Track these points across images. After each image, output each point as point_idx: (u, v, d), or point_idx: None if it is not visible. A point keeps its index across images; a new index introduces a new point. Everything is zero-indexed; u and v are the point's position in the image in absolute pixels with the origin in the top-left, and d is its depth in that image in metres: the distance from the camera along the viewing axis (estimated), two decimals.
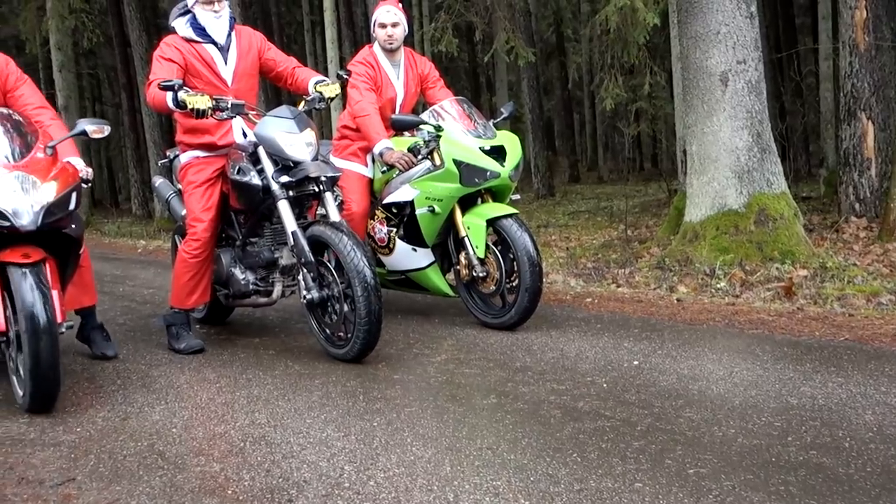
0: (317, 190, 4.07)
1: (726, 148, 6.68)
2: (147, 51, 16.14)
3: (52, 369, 3.19)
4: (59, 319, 3.31)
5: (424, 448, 2.79)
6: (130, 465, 2.83)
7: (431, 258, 4.72)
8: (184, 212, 4.68)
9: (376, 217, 4.87)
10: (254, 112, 4.27)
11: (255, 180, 4.06)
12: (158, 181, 5.15)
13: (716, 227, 6.73)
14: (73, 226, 3.47)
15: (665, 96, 10.97)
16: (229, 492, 2.54)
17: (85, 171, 3.70)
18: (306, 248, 3.92)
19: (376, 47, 4.90)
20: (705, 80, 6.70)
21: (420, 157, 4.50)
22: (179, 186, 4.76)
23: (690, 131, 6.95)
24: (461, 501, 2.37)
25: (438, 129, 4.50)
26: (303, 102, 4.37)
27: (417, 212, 4.56)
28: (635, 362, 3.72)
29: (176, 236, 5.18)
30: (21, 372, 3.36)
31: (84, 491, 2.62)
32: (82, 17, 15.53)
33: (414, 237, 4.67)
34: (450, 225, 4.61)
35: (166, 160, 5.09)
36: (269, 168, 4.03)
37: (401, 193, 4.65)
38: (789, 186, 7.12)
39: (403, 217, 4.70)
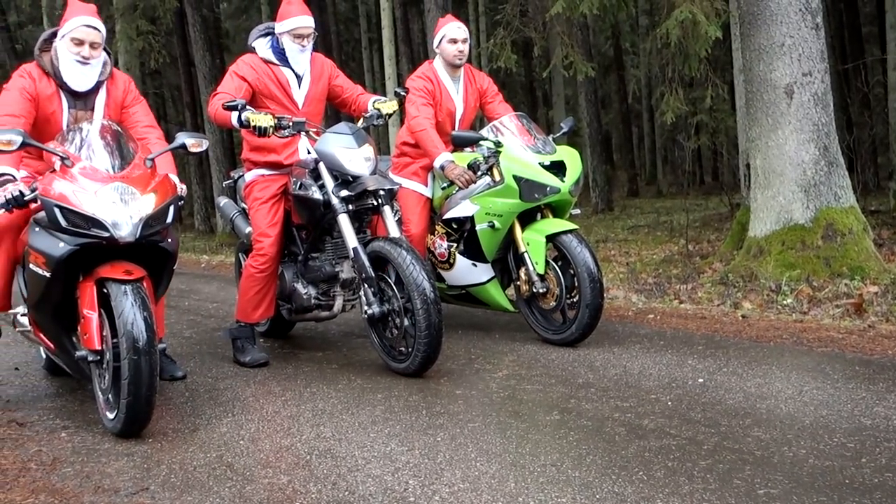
0: (376, 204, 4.13)
1: (792, 161, 6.55)
2: (210, 70, 16.59)
3: (150, 389, 3.20)
4: (158, 338, 3.33)
5: (489, 464, 2.80)
6: (201, 475, 2.89)
7: (491, 273, 4.74)
8: (248, 230, 4.78)
9: (437, 232, 4.91)
10: (314, 129, 4.36)
11: (317, 195, 4.14)
12: (223, 201, 5.26)
13: (781, 242, 6.60)
14: (170, 239, 3.54)
15: (727, 109, 10.80)
16: None
17: (180, 186, 3.77)
18: (367, 263, 3.98)
19: (437, 62, 4.95)
20: (769, 92, 6.60)
21: (479, 173, 4.53)
22: (243, 205, 4.87)
23: (754, 145, 6.83)
24: None
25: (498, 144, 4.53)
26: (361, 119, 4.46)
27: (477, 227, 4.58)
28: (700, 380, 3.67)
29: (239, 253, 5.30)
30: (110, 395, 3.39)
31: (157, 500, 2.69)
32: (149, 39, 16.00)
33: (474, 252, 4.69)
34: (510, 240, 4.62)
35: (230, 181, 5.22)
36: (329, 183, 4.10)
37: (461, 209, 4.68)
38: (857, 200, 6.94)
39: (463, 232, 4.73)
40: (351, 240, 4.04)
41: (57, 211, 3.29)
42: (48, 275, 3.36)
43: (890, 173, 12.27)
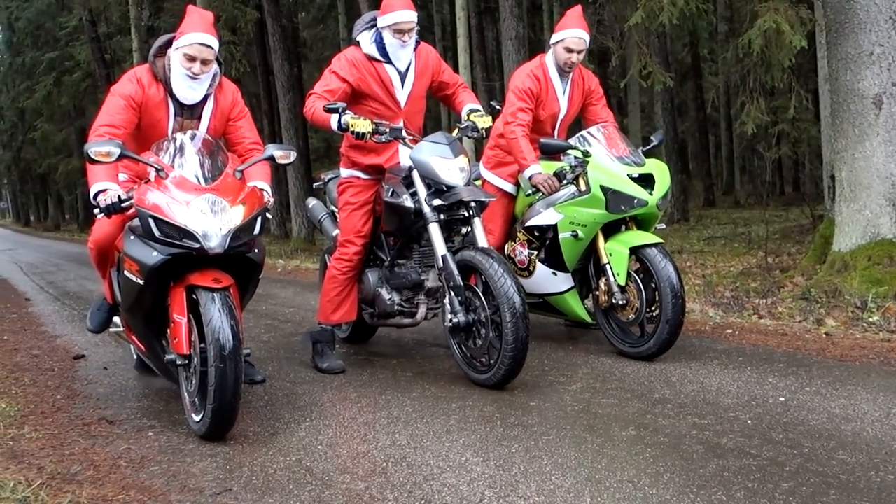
0: (467, 215, 4.15)
1: (880, 174, 6.35)
2: (288, 79, 16.95)
3: (235, 395, 3.30)
4: (243, 345, 3.42)
5: (564, 477, 2.80)
6: (281, 478, 2.97)
7: (571, 283, 4.72)
8: (335, 232, 4.86)
9: (517, 239, 4.91)
10: (410, 137, 4.37)
11: (408, 203, 4.18)
12: (312, 202, 5.37)
13: (867, 257, 6.39)
14: (256, 250, 3.63)
15: (809, 118, 10.51)
16: None
17: (268, 197, 3.83)
18: (455, 271, 4.00)
19: (549, 59, 4.85)
20: (857, 103, 6.40)
21: (565, 181, 4.52)
22: (332, 208, 4.96)
23: (840, 157, 6.64)
24: None
25: (586, 154, 4.50)
26: (457, 129, 4.46)
27: (560, 236, 4.57)
28: (781, 399, 3.58)
29: (326, 255, 5.38)
30: (196, 398, 3.50)
31: (240, 501, 2.77)
32: (231, 48, 16.44)
33: (555, 261, 4.68)
34: (591, 250, 4.59)
35: (321, 182, 5.31)
36: (422, 191, 4.13)
37: (544, 217, 4.67)
38: None
39: (545, 240, 4.72)
40: (440, 248, 4.07)
41: (151, 221, 3.42)
42: (141, 282, 3.50)
43: None
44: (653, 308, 4.38)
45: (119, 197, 3.57)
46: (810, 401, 3.53)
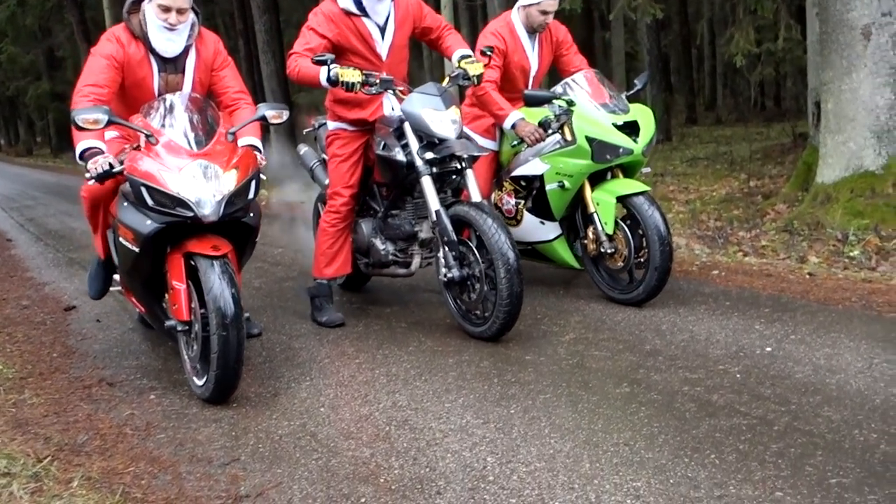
0: (459, 167, 4.15)
1: (866, 106, 6.36)
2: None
3: (237, 360, 3.35)
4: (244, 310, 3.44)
5: (563, 441, 2.90)
6: (287, 446, 3.05)
7: (559, 231, 4.76)
8: (326, 181, 4.86)
9: (504, 188, 4.93)
10: (401, 88, 4.31)
11: (400, 156, 4.15)
12: (303, 149, 5.31)
13: (850, 189, 6.47)
14: (252, 214, 3.63)
15: (796, 38, 10.40)
16: (381, 480, 2.72)
17: (261, 158, 3.78)
18: (449, 227, 4.02)
19: (515, 16, 4.80)
20: (845, 33, 6.36)
21: (550, 131, 4.51)
22: (324, 156, 4.93)
23: (826, 88, 6.63)
24: (603, 503, 2.47)
25: (570, 103, 4.48)
26: (447, 79, 4.38)
27: (547, 187, 4.59)
28: (768, 349, 3.69)
29: (319, 203, 5.37)
30: (198, 363, 3.55)
31: (249, 472, 2.86)
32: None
33: (542, 211, 4.71)
34: (578, 199, 4.62)
35: (311, 128, 5.24)
36: (413, 144, 4.11)
37: (530, 167, 4.68)
38: None
39: (532, 190, 4.74)
40: (434, 203, 4.07)
41: (144, 190, 3.39)
42: (137, 249, 3.50)
43: None
44: (640, 254, 4.45)
45: (110, 164, 3.52)
46: (796, 350, 3.64)
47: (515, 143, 4.73)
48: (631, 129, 4.48)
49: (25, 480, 2.81)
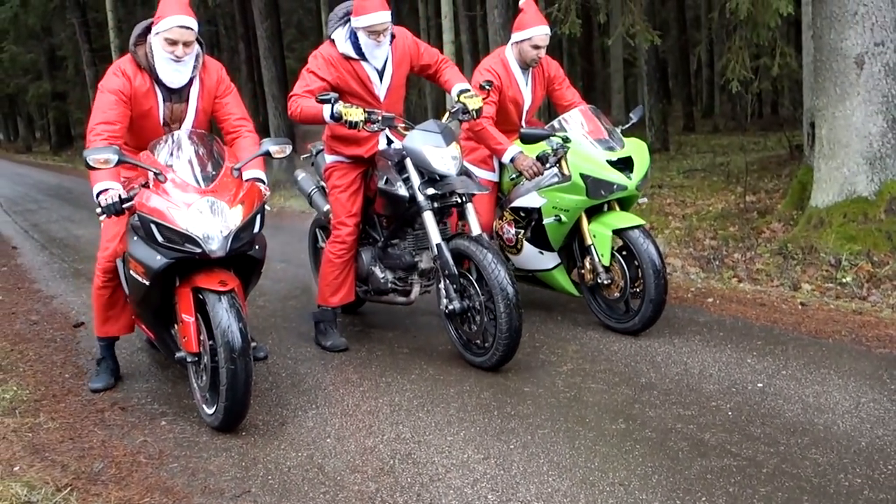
0: (459, 202, 4.27)
1: (859, 133, 6.50)
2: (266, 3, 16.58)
3: (245, 391, 3.48)
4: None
5: (560, 479, 3.02)
6: (295, 478, 3.18)
7: (557, 260, 4.89)
8: (325, 207, 4.98)
9: (504, 217, 5.06)
10: (402, 125, 4.44)
11: (402, 191, 4.27)
12: (301, 175, 5.43)
13: (843, 214, 6.61)
14: (257, 247, 3.75)
15: (791, 52, 10.56)
16: None
17: (265, 190, 3.87)
18: (451, 260, 4.14)
19: (509, 53, 4.96)
20: (839, 62, 6.50)
21: (548, 165, 4.63)
22: (322, 183, 5.05)
23: (821, 114, 6.77)
24: None
25: (566, 140, 4.60)
26: (447, 114, 4.51)
27: (545, 220, 4.72)
28: (759, 385, 3.82)
29: (317, 229, 5.49)
30: (208, 392, 3.68)
31: None
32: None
33: (541, 241, 4.84)
34: (576, 230, 4.75)
35: (309, 154, 5.35)
36: (415, 179, 4.23)
37: (529, 199, 4.80)
38: None
39: (531, 221, 4.87)
40: (435, 236, 4.19)
41: (153, 226, 3.51)
42: (147, 283, 3.62)
43: None
44: (636, 284, 4.58)
45: (119, 197, 3.62)
46: (786, 387, 3.77)
47: (514, 176, 4.86)
48: (625, 164, 4.61)
49: None
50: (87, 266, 7.66)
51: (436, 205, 4.24)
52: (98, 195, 3.70)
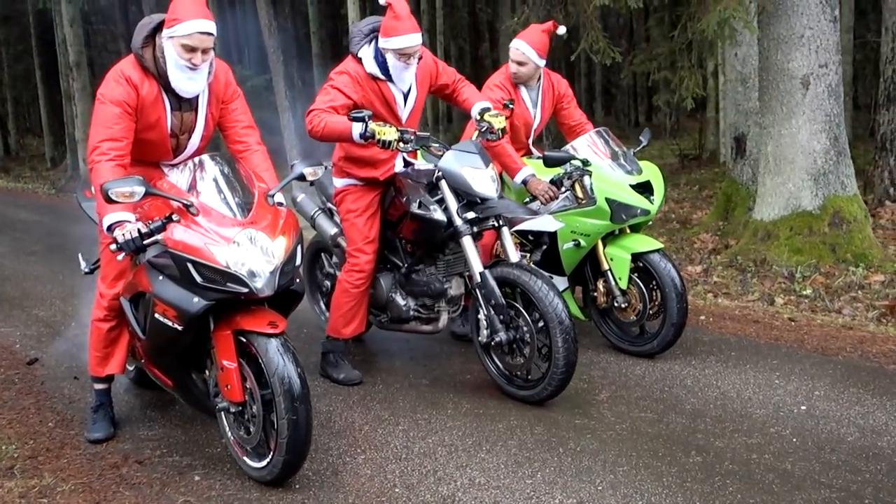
0: (496, 226, 4.10)
1: (804, 150, 6.82)
2: None
3: (306, 441, 3.18)
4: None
5: None
6: None
7: (566, 284, 4.82)
8: (332, 231, 4.68)
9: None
10: (436, 145, 4.20)
11: (439, 215, 4.03)
12: (300, 197, 5.05)
13: (789, 227, 6.92)
14: (297, 280, 3.43)
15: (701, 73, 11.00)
16: None
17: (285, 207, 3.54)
18: (497, 289, 3.94)
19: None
20: (786, 82, 6.80)
21: (563, 189, 4.55)
22: (330, 206, 4.74)
23: (767, 132, 7.06)
24: None
25: (585, 163, 4.54)
26: (476, 133, 4.31)
27: (563, 246, 4.63)
28: (803, 407, 3.90)
29: (321, 253, 5.15)
30: (255, 445, 3.35)
31: None
32: None
33: (552, 266, 4.75)
34: (588, 254, 4.69)
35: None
36: (452, 203, 4.02)
37: (541, 223, 4.67)
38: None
39: (540, 245, 4.78)
40: (477, 264, 4.00)
41: (190, 266, 3.15)
42: (180, 328, 3.25)
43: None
44: (649, 307, 4.59)
45: (140, 231, 3.18)
46: (829, 409, 3.87)
47: (528, 199, 4.74)
48: (643, 188, 4.60)
49: None
50: (10, 288, 6.94)
51: (475, 229, 4.06)
52: (111, 227, 3.28)
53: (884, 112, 9.64)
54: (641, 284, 4.59)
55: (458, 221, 4.02)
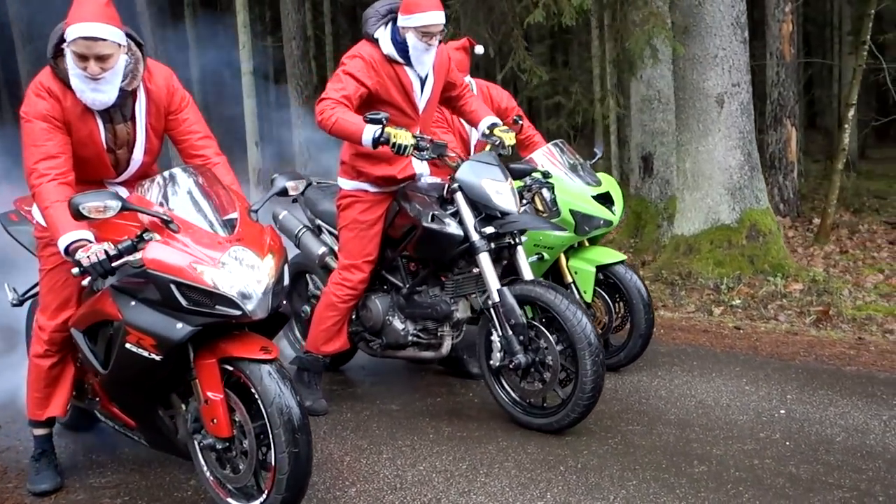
0: (513, 242, 3.89)
1: (720, 166, 7.06)
2: None
3: (307, 475, 2.91)
4: None
5: None
6: None
7: None
8: (320, 250, 4.37)
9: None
10: (453, 154, 3.92)
11: (454, 229, 3.77)
12: (282, 213, 4.65)
13: (710, 241, 7.12)
14: (285, 301, 3.15)
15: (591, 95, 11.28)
16: None
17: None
18: (517, 308, 3.69)
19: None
20: (702, 101, 7.03)
21: (524, 201, 4.46)
22: (319, 222, 4.45)
23: (684, 149, 7.27)
24: None
25: (546, 175, 4.48)
26: (489, 146, 4.09)
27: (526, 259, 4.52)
28: (783, 411, 3.94)
29: (308, 276, 4.75)
30: (241, 483, 3.05)
31: None
32: None
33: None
34: (551, 268, 4.62)
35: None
36: (468, 217, 3.77)
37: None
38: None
39: (502, 260, 4.65)
40: (494, 281, 3.75)
41: (174, 288, 2.83)
42: (159, 357, 2.91)
43: None
44: (614, 319, 4.56)
45: (107, 252, 2.84)
46: (808, 411, 3.92)
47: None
48: (604, 199, 4.58)
49: None
50: None
51: (492, 245, 3.84)
52: (70, 248, 2.92)
53: (771, 132, 10.21)
54: (606, 297, 4.55)
55: (475, 237, 3.77)
